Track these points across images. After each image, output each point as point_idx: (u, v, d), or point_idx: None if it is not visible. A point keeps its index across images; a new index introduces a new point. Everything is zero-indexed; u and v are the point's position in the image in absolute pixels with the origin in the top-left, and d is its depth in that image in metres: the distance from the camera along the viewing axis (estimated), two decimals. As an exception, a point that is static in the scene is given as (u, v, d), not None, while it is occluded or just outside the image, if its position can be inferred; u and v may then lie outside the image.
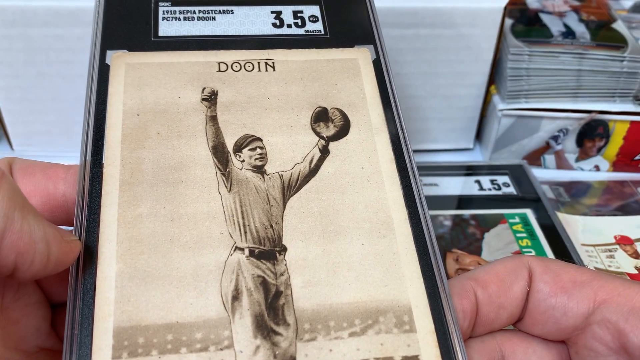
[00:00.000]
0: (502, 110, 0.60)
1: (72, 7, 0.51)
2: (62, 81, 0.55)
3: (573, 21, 0.64)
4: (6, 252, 0.23)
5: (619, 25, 0.63)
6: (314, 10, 0.40)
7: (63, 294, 0.30)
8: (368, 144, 0.34)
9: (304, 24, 0.39)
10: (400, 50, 0.56)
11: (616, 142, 0.62)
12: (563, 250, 0.51)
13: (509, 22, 0.62)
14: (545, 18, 0.64)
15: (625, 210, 0.59)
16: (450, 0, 0.55)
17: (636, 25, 0.66)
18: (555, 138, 0.62)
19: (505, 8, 0.55)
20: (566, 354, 0.31)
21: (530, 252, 0.51)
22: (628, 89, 0.59)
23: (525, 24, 0.63)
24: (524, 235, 0.53)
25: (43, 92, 0.56)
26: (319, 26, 0.39)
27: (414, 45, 0.57)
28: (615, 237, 0.55)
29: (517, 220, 0.55)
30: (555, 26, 0.62)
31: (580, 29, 0.62)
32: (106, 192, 0.30)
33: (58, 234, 0.26)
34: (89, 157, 0.31)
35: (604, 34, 0.62)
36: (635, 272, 0.51)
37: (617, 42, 0.60)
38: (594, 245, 0.54)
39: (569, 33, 0.61)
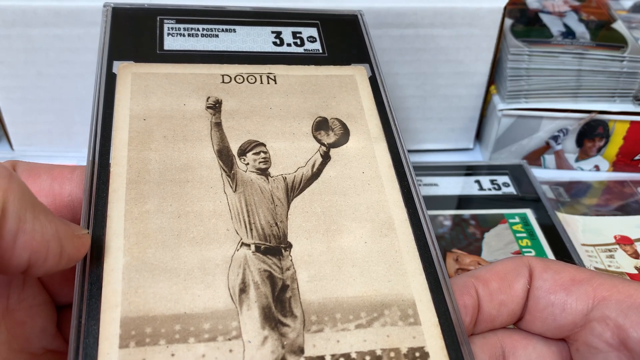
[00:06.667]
0: (502, 110, 0.60)
1: (72, 7, 0.51)
2: (62, 81, 0.55)
3: (573, 21, 0.64)
4: (19, 251, 0.24)
5: (619, 25, 0.63)
6: (312, 31, 0.42)
7: (69, 295, 0.30)
8: (367, 151, 0.35)
9: (302, 44, 0.41)
10: (400, 50, 0.57)
11: (616, 142, 0.62)
12: (563, 250, 0.51)
13: (509, 22, 0.62)
14: (545, 18, 0.64)
15: (625, 210, 0.59)
16: (450, 0, 0.55)
17: (636, 25, 0.66)
18: (555, 138, 0.62)
19: (505, 8, 0.55)
20: (566, 352, 0.31)
21: (530, 252, 0.51)
22: (628, 89, 0.59)
23: (525, 24, 0.63)
24: (524, 235, 0.53)
25: (43, 92, 0.56)
26: (317, 46, 0.41)
27: (414, 45, 0.57)
28: (615, 237, 0.55)
29: (517, 220, 0.55)
30: (555, 26, 0.63)
31: (580, 29, 0.62)
32: (113, 190, 0.30)
33: (69, 230, 0.26)
34: (96, 158, 0.32)
35: (604, 34, 0.62)
36: (635, 272, 0.51)
37: (617, 42, 0.60)
38: (594, 245, 0.54)
39: (569, 33, 0.61)
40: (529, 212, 0.56)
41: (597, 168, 0.65)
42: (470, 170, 0.62)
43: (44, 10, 0.51)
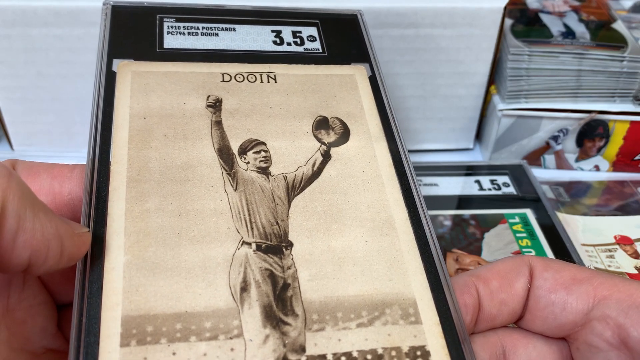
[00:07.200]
0: (502, 110, 0.60)
1: (72, 7, 0.51)
2: (62, 81, 0.55)
3: (573, 21, 0.64)
4: (20, 251, 0.23)
5: (619, 25, 0.63)
6: (312, 31, 0.42)
7: (69, 294, 0.30)
8: (367, 150, 0.35)
9: (302, 43, 0.41)
10: (401, 50, 0.57)
11: (616, 142, 0.62)
12: (563, 250, 0.51)
13: (509, 22, 0.62)
14: (545, 18, 0.64)
15: (625, 210, 0.59)
16: (450, 0, 0.55)
17: (636, 25, 0.66)
18: (555, 138, 0.62)
19: (505, 8, 0.55)
20: (567, 351, 0.31)
21: (530, 252, 0.51)
22: (628, 89, 0.59)
23: (525, 24, 0.63)
24: (524, 235, 0.53)
25: (43, 92, 0.56)
26: (317, 45, 0.41)
27: (414, 45, 0.57)
28: (615, 237, 0.55)
29: (517, 220, 0.55)
30: (555, 26, 0.63)
31: (580, 29, 0.62)
32: (114, 188, 0.30)
33: (70, 228, 0.26)
34: (96, 156, 0.32)
35: (604, 34, 0.62)
36: (635, 272, 0.51)
37: (617, 42, 0.60)
38: (594, 245, 0.54)
39: (569, 33, 0.61)
40: (529, 212, 0.56)
41: (597, 168, 0.65)
42: (470, 170, 0.62)
43: (44, 10, 0.51)
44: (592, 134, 0.61)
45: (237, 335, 0.27)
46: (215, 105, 0.35)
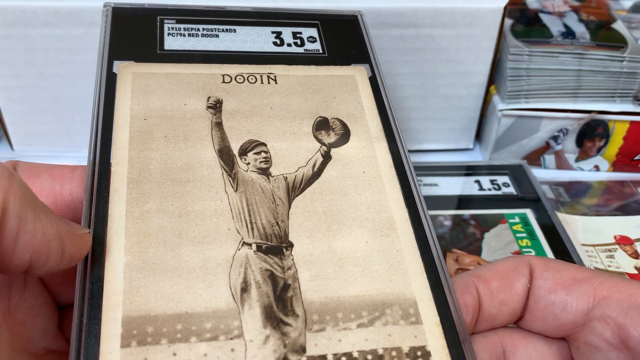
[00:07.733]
0: (502, 110, 0.60)
1: (72, 7, 0.51)
2: (62, 81, 0.55)
3: (573, 21, 0.64)
4: (21, 251, 0.23)
5: (619, 25, 0.63)
6: (312, 32, 0.42)
7: (70, 295, 0.31)
8: (368, 150, 0.35)
9: (303, 44, 0.41)
10: (401, 50, 0.57)
11: (616, 142, 0.62)
12: (563, 250, 0.51)
13: (509, 22, 0.62)
14: (545, 18, 0.64)
15: (625, 210, 0.59)
16: (450, 0, 0.55)
17: (636, 25, 0.66)
18: (555, 138, 0.62)
19: (505, 8, 0.55)
20: (567, 351, 0.31)
21: (530, 252, 0.51)
22: (628, 89, 0.59)
23: (525, 24, 0.63)
24: (524, 235, 0.53)
25: (43, 92, 0.56)
26: (317, 46, 0.41)
27: (414, 45, 0.57)
28: (615, 237, 0.55)
29: (517, 220, 0.55)
30: (555, 26, 0.63)
31: (580, 29, 0.62)
32: (114, 189, 0.30)
33: (70, 229, 0.26)
34: (97, 157, 0.32)
35: (604, 34, 0.62)
36: (635, 272, 0.51)
37: (617, 42, 0.60)
38: (593, 245, 0.54)
39: (568, 33, 0.61)
40: (529, 212, 0.56)
41: (597, 168, 0.65)
42: (470, 170, 0.62)
43: (44, 10, 0.51)
44: (592, 134, 0.61)
45: (237, 335, 0.27)
46: (216, 107, 0.35)
